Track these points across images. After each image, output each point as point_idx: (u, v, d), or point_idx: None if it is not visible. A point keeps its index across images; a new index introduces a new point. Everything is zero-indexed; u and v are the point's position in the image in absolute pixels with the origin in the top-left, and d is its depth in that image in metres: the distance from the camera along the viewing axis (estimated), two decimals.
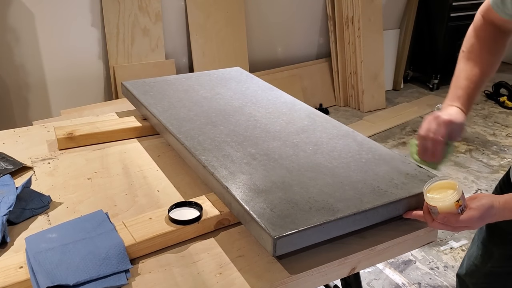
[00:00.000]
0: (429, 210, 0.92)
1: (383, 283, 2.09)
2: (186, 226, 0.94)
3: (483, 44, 1.11)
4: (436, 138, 1.02)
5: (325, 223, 0.87)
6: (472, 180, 2.96)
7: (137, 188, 1.14)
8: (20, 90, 2.96)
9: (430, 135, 1.03)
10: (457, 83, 1.10)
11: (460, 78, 1.10)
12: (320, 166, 1.08)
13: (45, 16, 2.89)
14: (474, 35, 1.13)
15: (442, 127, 1.02)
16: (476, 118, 3.92)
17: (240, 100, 1.45)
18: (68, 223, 0.95)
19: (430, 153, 1.03)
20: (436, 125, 1.03)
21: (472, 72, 1.09)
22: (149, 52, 3.25)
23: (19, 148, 1.33)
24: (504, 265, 1.19)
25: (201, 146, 1.14)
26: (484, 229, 1.22)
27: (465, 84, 1.09)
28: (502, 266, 1.20)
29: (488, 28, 1.11)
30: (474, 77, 1.09)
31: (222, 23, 3.49)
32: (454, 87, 1.11)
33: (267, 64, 3.88)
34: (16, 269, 0.83)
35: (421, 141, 1.05)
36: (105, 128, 1.38)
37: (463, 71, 1.11)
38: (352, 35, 3.87)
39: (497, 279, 1.22)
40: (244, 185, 0.99)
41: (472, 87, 1.09)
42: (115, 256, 0.85)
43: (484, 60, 1.10)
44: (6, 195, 1.02)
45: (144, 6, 3.14)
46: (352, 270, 0.95)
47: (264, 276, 0.87)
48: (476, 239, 1.26)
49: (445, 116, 1.03)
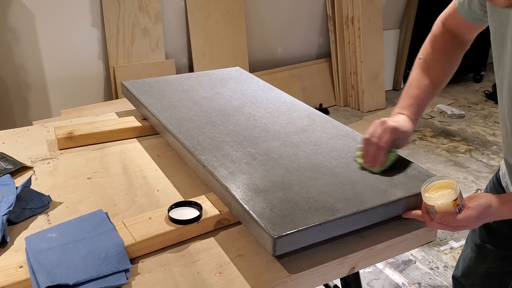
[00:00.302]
0: (427, 210, 0.92)
1: (383, 283, 2.09)
2: (185, 226, 0.94)
3: (438, 54, 1.12)
4: (379, 144, 1.02)
5: (325, 222, 0.88)
6: (472, 180, 2.96)
7: (137, 188, 1.14)
8: (20, 90, 2.97)
9: (373, 140, 1.03)
10: (408, 92, 1.12)
11: (411, 87, 1.12)
12: (320, 166, 1.08)
13: (45, 16, 2.89)
14: (431, 44, 1.13)
15: (386, 134, 1.02)
16: (476, 118, 3.92)
17: (240, 100, 1.45)
18: (68, 222, 0.95)
19: (371, 158, 1.03)
20: (381, 130, 1.03)
21: (424, 82, 1.11)
22: (149, 52, 3.25)
23: (19, 148, 1.33)
24: (500, 265, 1.19)
25: (201, 146, 1.14)
26: (477, 230, 1.22)
27: (416, 94, 1.10)
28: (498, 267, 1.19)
29: (446, 38, 1.11)
30: (425, 87, 1.10)
31: (222, 23, 3.49)
32: (405, 95, 1.12)
33: (267, 64, 3.88)
34: (16, 269, 0.83)
35: (365, 145, 1.05)
36: (105, 128, 1.38)
37: (415, 80, 1.12)
38: (352, 35, 3.87)
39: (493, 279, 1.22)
40: (244, 184, 0.99)
41: (423, 97, 1.10)
42: (115, 255, 0.85)
43: (437, 72, 1.12)
44: (6, 194, 1.02)
45: (144, 6, 3.14)
46: (351, 270, 0.95)
47: (264, 275, 0.87)
48: (470, 240, 1.26)
49: (391, 123, 1.03)
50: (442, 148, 3.42)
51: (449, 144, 3.48)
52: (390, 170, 1.06)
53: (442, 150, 3.39)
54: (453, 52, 1.13)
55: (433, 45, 1.12)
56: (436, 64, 1.12)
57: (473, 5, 1.01)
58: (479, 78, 4.71)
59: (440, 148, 3.42)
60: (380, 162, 1.03)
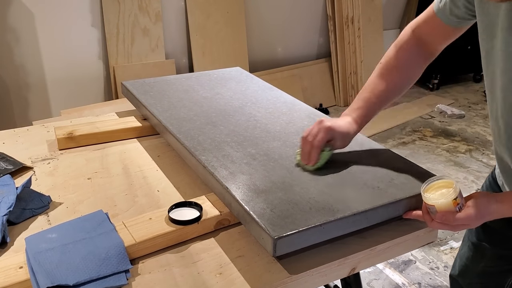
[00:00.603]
0: (427, 210, 0.92)
1: (383, 283, 2.09)
2: (186, 226, 0.94)
3: (400, 62, 1.11)
4: (312, 142, 1.05)
5: (325, 223, 0.87)
6: (472, 180, 2.96)
7: (137, 188, 1.14)
8: (20, 90, 2.96)
9: (308, 139, 1.06)
10: (361, 95, 1.13)
11: (365, 91, 1.13)
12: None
13: (45, 16, 2.89)
14: (394, 51, 1.13)
15: (321, 133, 1.05)
16: (476, 118, 3.92)
17: (240, 100, 1.45)
18: (68, 223, 0.95)
19: (306, 156, 1.06)
20: (316, 130, 1.06)
21: (379, 87, 1.11)
22: (149, 52, 3.25)
23: (19, 148, 1.33)
24: (496, 264, 1.19)
25: (201, 146, 1.14)
26: (474, 229, 1.22)
27: (367, 98, 1.11)
28: (494, 265, 1.19)
29: (412, 46, 1.11)
30: (379, 93, 1.11)
31: (222, 23, 3.49)
32: (357, 98, 1.13)
33: (267, 64, 3.88)
34: (16, 269, 0.83)
35: (301, 143, 1.08)
36: (105, 128, 1.38)
37: (371, 84, 1.13)
38: (352, 35, 3.87)
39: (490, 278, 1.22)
40: (244, 185, 0.99)
41: (374, 102, 1.11)
42: (115, 256, 0.85)
43: (394, 80, 1.11)
44: (6, 195, 1.02)
45: (144, 6, 3.14)
46: (352, 271, 0.95)
47: (264, 276, 0.87)
48: (467, 239, 1.26)
49: (327, 123, 1.06)
50: (442, 148, 3.42)
51: (449, 144, 3.48)
52: (389, 171, 1.06)
53: (442, 150, 3.39)
54: (416, 61, 1.12)
55: (397, 52, 1.12)
56: (395, 72, 1.11)
57: (456, 6, 1.00)
58: (479, 78, 4.71)
59: (440, 148, 3.42)
60: (313, 160, 1.05)
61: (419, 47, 1.11)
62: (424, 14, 1.09)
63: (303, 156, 1.07)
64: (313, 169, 1.06)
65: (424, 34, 1.10)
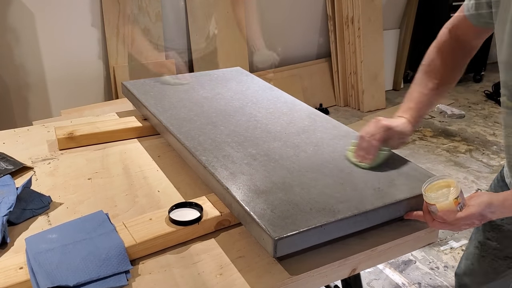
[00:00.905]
0: (428, 210, 0.92)
1: (383, 283, 2.09)
2: (186, 227, 0.94)
3: (443, 61, 1.12)
4: (370, 141, 1.06)
5: (326, 224, 0.87)
6: (472, 180, 2.96)
7: (138, 189, 1.14)
8: (20, 90, 2.96)
9: (366, 137, 1.07)
10: (410, 96, 1.14)
11: (414, 91, 1.13)
12: (321, 166, 1.08)
13: (45, 16, 2.89)
14: (436, 50, 1.14)
15: (379, 132, 1.06)
16: (476, 118, 3.92)
17: (241, 100, 1.45)
18: (69, 223, 0.95)
19: (362, 154, 1.07)
20: (374, 128, 1.07)
21: (428, 85, 1.12)
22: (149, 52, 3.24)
23: (19, 148, 1.33)
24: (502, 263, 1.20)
25: (202, 147, 1.14)
26: (481, 228, 1.23)
27: (417, 98, 1.12)
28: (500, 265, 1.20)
29: (453, 45, 1.12)
30: (428, 91, 1.12)
31: (222, 23, 3.49)
32: (407, 99, 1.14)
33: None
34: (16, 270, 0.83)
35: (358, 141, 1.09)
36: (106, 128, 1.38)
37: (418, 85, 1.13)
38: (352, 35, 3.87)
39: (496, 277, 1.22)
40: (245, 185, 0.99)
41: (424, 101, 1.12)
42: (115, 257, 0.85)
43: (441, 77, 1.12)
44: (6, 195, 1.01)
45: (144, 6, 3.14)
46: (352, 271, 0.95)
47: (265, 277, 0.86)
48: (473, 238, 1.27)
49: (385, 122, 1.07)
50: (442, 148, 3.42)
51: (449, 144, 3.48)
52: (390, 171, 1.06)
53: (442, 150, 3.39)
54: (458, 59, 1.13)
55: (439, 52, 1.13)
56: (440, 70, 1.12)
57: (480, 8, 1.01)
58: (479, 78, 4.71)
59: (440, 148, 3.42)
60: (370, 158, 1.06)
61: (459, 45, 1.12)
62: (457, 16, 1.10)
63: (358, 153, 1.08)
64: (367, 167, 1.07)
65: (460, 34, 1.11)
